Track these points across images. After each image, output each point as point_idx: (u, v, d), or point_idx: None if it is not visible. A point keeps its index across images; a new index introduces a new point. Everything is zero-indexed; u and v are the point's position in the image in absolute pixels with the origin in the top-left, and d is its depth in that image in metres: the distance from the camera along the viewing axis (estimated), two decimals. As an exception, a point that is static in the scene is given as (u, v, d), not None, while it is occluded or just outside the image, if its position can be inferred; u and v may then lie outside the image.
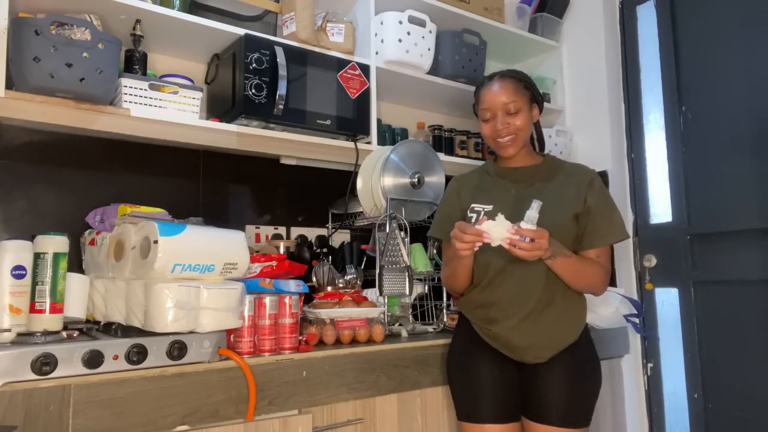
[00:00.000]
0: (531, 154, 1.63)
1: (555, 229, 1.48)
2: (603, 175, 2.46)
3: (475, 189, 1.63)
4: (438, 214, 1.69)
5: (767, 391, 2.04)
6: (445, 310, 1.94)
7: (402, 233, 1.83)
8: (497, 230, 1.34)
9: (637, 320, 2.24)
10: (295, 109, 1.85)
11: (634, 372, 2.35)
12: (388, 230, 1.82)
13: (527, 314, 1.48)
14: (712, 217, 2.21)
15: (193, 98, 1.71)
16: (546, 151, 1.72)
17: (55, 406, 1.11)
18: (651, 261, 2.38)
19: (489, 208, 1.56)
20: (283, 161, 2.10)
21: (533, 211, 1.36)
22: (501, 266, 1.50)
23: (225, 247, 1.39)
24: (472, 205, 1.59)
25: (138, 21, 1.73)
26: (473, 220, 1.55)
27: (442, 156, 2.15)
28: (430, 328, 1.88)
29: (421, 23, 2.15)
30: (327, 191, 2.22)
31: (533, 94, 1.59)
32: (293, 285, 1.58)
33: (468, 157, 2.48)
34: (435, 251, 2.04)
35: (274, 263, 1.64)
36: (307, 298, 1.73)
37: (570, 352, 1.51)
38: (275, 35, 1.93)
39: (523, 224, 1.34)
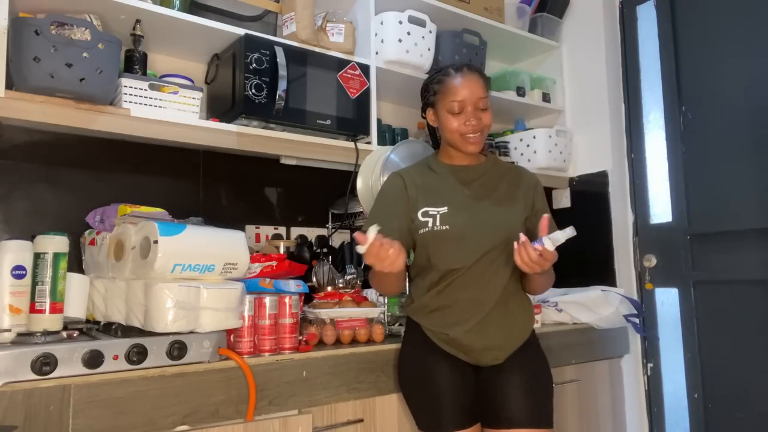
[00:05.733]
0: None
1: (510, 231, 1.48)
2: (603, 175, 2.47)
3: (423, 188, 1.54)
4: (379, 209, 1.57)
5: (767, 391, 2.04)
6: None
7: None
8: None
9: (637, 320, 2.24)
10: (295, 109, 1.85)
11: (634, 372, 2.35)
12: (388, 230, 1.81)
13: (484, 316, 1.47)
14: (712, 217, 2.22)
15: (193, 98, 1.71)
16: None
17: (55, 406, 1.11)
18: (651, 261, 2.38)
19: (444, 209, 1.50)
20: (283, 161, 2.09)
21: (563, 234, 1.29)
22: (462, 269, 1.47)
23: (225, 247, 1.39)
24: (425, 208, 1.51)
25: (138, 21, 1.73)
26: (429, 225, 1.49)
27: (442, 156, 2.15)
28: (430, 328, 1.88)
29: (421, 23, 2.15)
30: (327, 191, 2.22)
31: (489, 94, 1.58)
32: (293, 285, 1.58)
33: (468, 157, 2.48)
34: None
35: (274, 263, 1.64)
36: (307, 298, 1.73)
37: (524, 352, 1.51)
38: (275, 35, 1.93)
39: (548, 241, 1.31)
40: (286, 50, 1.83)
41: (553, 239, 1.30)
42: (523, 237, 1.34)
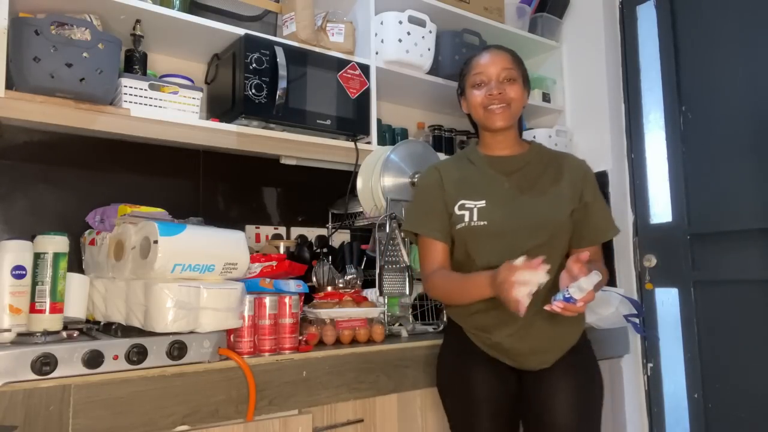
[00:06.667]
0: (518, 140, 1.55)
1: (555, 227, 1.43)
2: (603, 175, 2.47)
3: (459, 181, 1.50)
4: (418, 207, 1.54)
5: (767, 391, 2.04)
6: (445, 310, 1.93)
7: (402, 233, 1.83)
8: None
9: (637, 320, 2.24)
10: (295, 109, 1.85)
11: (634, 372, 2.35)
12: (388, 230, 1.82)
13: (529, 319, 1.37)
14: (712, 217, 2.21)
15: (193, 98, 1.71)
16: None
17: (55, 406, 1.11)
18: (651, 261, 2.38)
19: (481, 203, 1.44)
20: (283, 161, 2.10)
21: (588, 282, 1.22)
22: None
23: (225, 247, 1.39)
24: (462, 201, 1.46)
25: (138, 21, 1.73)
26: (465, 219, 1.44)
27: (442, 156, 2.15)
28: (430, 328, 1.88)
29: (421, 23, 2.15)
30: (327, 191, 2.22)
31: (525, 75, 1.55)
32: (293, 285, 1.58)
33: (468, 157, 2.48)
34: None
35: (274, 263, 1.64)
36: (307, 298, 1.72)
37: (573, 355, 1.43)
38: (275, 35, 1.93)
39: (576, 290, 1.22)
40: (286, 50, 1.83)
41: (581, 288, 1.22)
42: (560, 304, 1.22)
